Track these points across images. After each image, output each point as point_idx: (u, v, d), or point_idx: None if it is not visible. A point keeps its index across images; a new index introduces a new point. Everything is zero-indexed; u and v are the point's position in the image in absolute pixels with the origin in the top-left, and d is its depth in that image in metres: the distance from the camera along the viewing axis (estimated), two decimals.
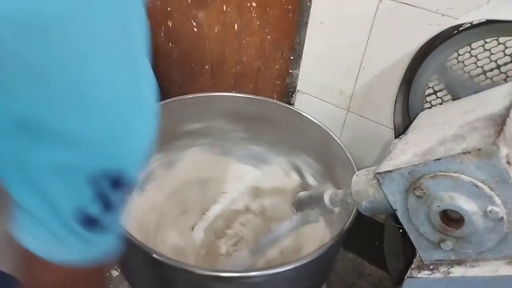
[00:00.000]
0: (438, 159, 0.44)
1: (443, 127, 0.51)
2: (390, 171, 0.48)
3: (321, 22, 0.88)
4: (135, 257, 0.68)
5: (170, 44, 1.24)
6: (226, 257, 0.92)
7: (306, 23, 0.91)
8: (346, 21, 0.85)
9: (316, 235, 0.90)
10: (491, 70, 0.66)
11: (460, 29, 0.65)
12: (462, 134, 0.46)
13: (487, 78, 0.66)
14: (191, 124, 1.00)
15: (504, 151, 0.41)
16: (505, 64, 0.64)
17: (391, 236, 0.89)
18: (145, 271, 0.72)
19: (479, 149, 0.41)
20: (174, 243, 0.91)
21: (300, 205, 0.70)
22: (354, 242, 1.10)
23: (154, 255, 0.62)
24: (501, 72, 0.65)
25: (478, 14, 0.63)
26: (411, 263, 0.85)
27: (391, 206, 0.52)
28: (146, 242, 0.87)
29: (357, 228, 0.71)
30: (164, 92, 1.36)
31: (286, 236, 0.76)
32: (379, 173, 0.49)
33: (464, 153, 0.42)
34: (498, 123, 0.44)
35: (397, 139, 0.58)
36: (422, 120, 0.59)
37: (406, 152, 0.50)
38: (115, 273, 1.05)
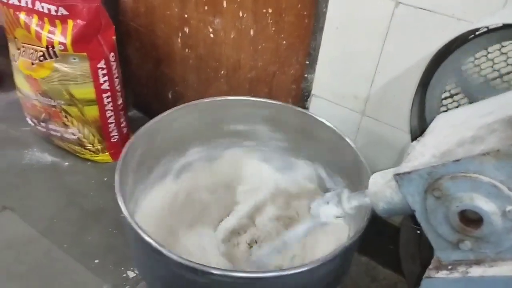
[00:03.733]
0: (457, 160, 0.45)
1: (461, 129, 0.52)
2: (409, 172, 0.49)
3: (337, 28, 0.90)
4: (155, 259, 0.70)
5: (187, 50, 1.26)
6: (245, 256, 0.93)
7: (321, 28, 0.92)
8: (362, 26, 0.86)
9: (334, 236, 0.91)
10: (508, 73, 0.66)
11: (477, 33, 0.66)
12: (481, 136, 0.47)
13: (503, 81, 0.67)
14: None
15: None
16: None
17: (407, 238, 0.89)
18: (164, 272, 0.73)
19: (498, 150, 0.42)
20: (194, 241, 0.93)
21: (317, 208, 0.71)
22: (367, 245, 1.10)
23: (174, 257, 0.63)
24: None
25: (494, 18, 0.64)
26: (427, 266, 0.85)
27: (410, 207, 0.52)
28: (166, 238, 0.90)
29: (370, 231, 0.72)
30: (180, 97, 1.39)
31: (303, 236, 0.77)
32: (398, 174, 0.50)
33: (483, 154, 0.43)
34: None
35: (414, 142, 0.59)
36: (439, 123, 0.59)
37: (425, 154, 0.51)
38: (131, 274, 1.06)
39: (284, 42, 1.05)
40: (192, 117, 1.00)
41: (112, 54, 1.21)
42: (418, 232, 0.79)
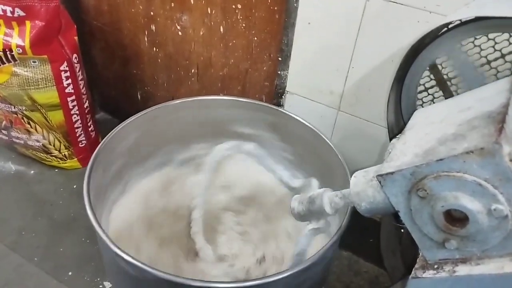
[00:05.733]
0: (441, 160, 0.44)
1: (441, 126, 0.51)
2: (392, 173, 0.48)
3: (309, 23, 0.88)
4: (125, 271, 0.67)
5: (155, 48, 1.22)
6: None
7: (293, 24, 0.91)
8: (334, 21, 0.85)
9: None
10: (482, 65, 0.66)
11: (450, 26, 0.65)
12: (462, 133, 0.46)
13: (477, 73, 0.67)
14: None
15: (506, 149, 0.41)
16: (495, 59, 0.65)
17: (388, 234, 0.89)
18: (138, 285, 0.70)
19: (482, 148, 0.41)
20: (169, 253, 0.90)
21: (299, 211, 0.70)
22: (349, 240, 1.10)
23: (149, 270, 0.61)
24: (491, 68, 0.66)
25: (467, 11, 0.63)
26: (408, 260, 0.86)
27: (393, 207, 0.51)
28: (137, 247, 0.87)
29: (351, 226, 0.71)
30: (150, 98, 1.34)
31: (307, 247, 0.75)
32: (381, 175, 0.49)
33: (467, 152, 0.42)
34: (498, 120, 0.44)
35: (394, 139, 0.58)
36: (418, 119, 0.59)
37: (406, 153, 0.50)
38: (108, 284, 1.02)
39: (256, 38, 1.02)
40: (172, 117, 0.97)
41: (75, 55, 1.15)
42: (402, 231, 0.79)
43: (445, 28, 0.65)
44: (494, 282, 0.44)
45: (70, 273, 1.03)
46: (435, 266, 0.50)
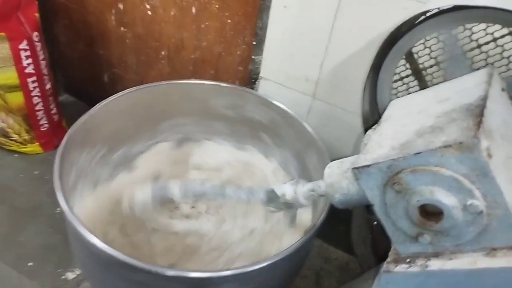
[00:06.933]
0: (418, 153, 0.43)
1: (419, 117, 0.50)
2: (368, 166, 0.46)
3: (285, 6, 0.85)
4: (97, 259, 0.64)
5: (122, 28, 1.16)
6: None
7: (268, 7, 0.87)
8: (310, 5, 0.82)
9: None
10: (457, 56, 0.66)
11: (428, 14, 0.64)
12: (440, 125, 0.45)
13: (453, 63, 0.66)
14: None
15: (484, 143, 0.40)
16: (471, 49, 0.64)
17: (359, 223, 0.89)
18: (109, 273, 0.67)
19: (460, 143, 0.40)
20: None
21: (272, 203, 0.68)
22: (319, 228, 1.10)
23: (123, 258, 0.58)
24: (467, 58, 0.65)
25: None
26: (379, 249, 0.86)
27: (367, 199, 0.50)
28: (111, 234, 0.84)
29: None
30: (118, 80, 1.29)
31: (242, 197, 0.73)
32: (357, 168, 0.47)
33: (445, 146, 0.41)
34: (476, 114, 0.43)
35: (370, 130, 0.56)
36: (394, 110, 0.57)
37: (383, 145, 0.48)
38: (71, 275, 0.98)
39: (229, 20, 0.98)
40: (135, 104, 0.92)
41: (36, 33, 1.08)
42: (371, 218, 0.78)
43: (423, 16, 0.64)
44: (466, 277, 0.44)
45: (30, 264, 0.99)
46: (408, 260, 0.49)
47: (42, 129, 1.20)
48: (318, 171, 0.78)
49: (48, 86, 1.17)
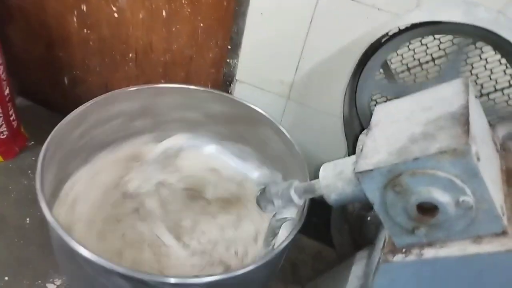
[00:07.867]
0: (417, 158, 0.49)
1: (407, 124, 0.56)
2: (371, 170, 0.52)
3: (261, 13, 0.88)
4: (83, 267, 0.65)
5: (85, 30, 1.12)
6: None
7: (244, 13, 0.90)
8: (287, 13, 0.86)
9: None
10: (427, 62, 0.73)
11: (401, 28, 0.71)
12: (431, 132, 0.51)
13: (422, 69, 0.74)
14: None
15: (474, 148, 0.47)
16: (439, 57, 0.72)
17: (336, 215, 0.96)
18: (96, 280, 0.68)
19: (454, 149, 0.46)
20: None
21: (264, 200, 0.71)
22: None
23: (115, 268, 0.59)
24: (435, 65, 0.73)
25: (418, 15, 0.68)
26: (355, 239, 0.93)
27: (360, 197, 0.56)
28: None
29: None
30: (79, 82, 1.25)
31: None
32: (360, 172, 0.53)
33: (441, 152, 0.47)
34: (462, 122, 0.50)
35: (362, 135, 0.62)
36: (381, 116, 0.63)
37: (380, 151, 0.54)
38: (51, 286, 0.96)
39: (202, 24, 1.00)
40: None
41: None
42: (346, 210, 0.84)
43: (397, 29, 0.71)
44: (458, 262, 0.51)
45: (6, 278, 0.95)
46: (403, 250, 0.56)
47: (2, 137, 1.14)
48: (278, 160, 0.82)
49: (6, 91, 1.11)
